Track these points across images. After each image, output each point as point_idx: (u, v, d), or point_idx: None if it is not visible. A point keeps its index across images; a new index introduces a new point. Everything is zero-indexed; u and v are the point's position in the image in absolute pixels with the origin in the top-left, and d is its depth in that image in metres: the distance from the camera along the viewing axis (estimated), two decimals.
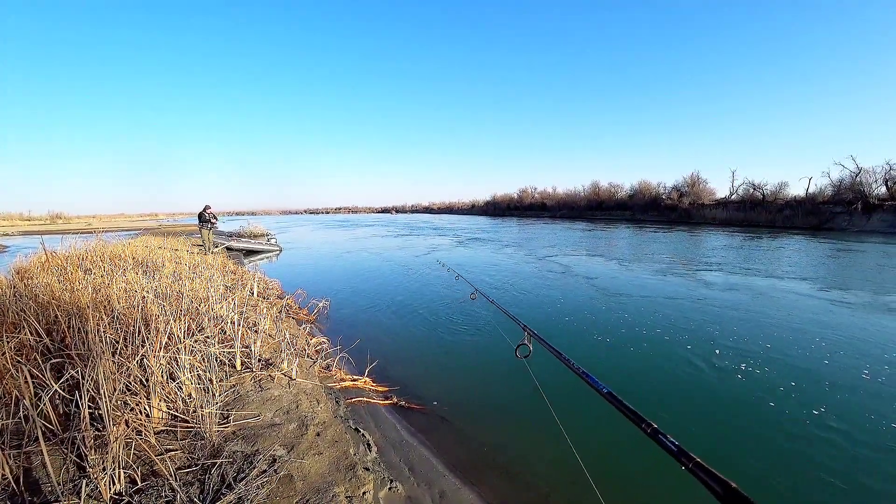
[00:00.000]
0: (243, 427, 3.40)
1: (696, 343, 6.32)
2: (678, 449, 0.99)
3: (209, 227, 15.14)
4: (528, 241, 24.17)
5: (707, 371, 5.40)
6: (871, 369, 5.32)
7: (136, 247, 10.69)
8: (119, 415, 3.00)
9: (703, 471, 0.89)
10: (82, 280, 6.09)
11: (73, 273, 6.75)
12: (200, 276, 7.50)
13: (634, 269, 13.51)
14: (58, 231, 39.00)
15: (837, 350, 5.97)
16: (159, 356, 3.55)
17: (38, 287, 5.65)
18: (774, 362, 5.57)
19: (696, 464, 0.92)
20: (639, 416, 1.18)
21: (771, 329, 6.94)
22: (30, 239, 31.05)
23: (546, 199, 74.75)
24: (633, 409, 1.22)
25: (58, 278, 6.25)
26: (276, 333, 5.41)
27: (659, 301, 8.95)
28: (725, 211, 45.22)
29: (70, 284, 5.63)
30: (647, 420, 1.14)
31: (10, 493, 2.60)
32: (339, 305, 8.85)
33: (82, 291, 5.19)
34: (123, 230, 36.07)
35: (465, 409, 4.58)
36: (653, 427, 1.11)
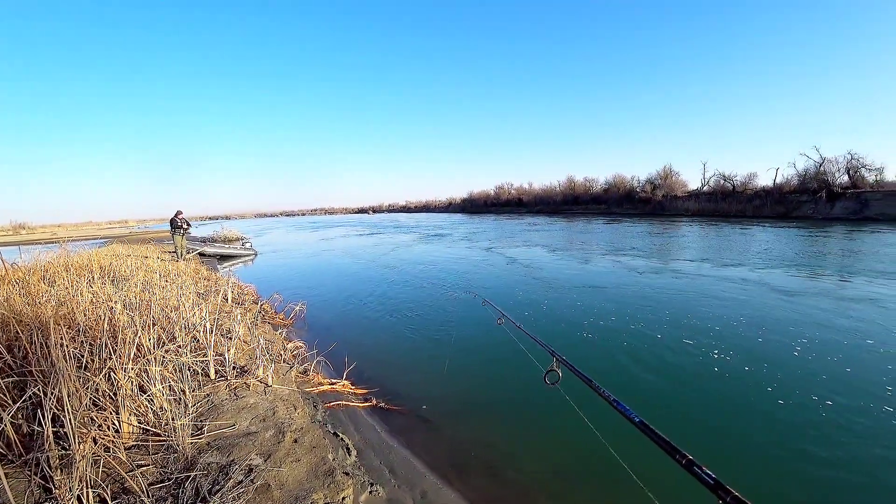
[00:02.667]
0: (218, 437, 3.32)
1: (671, 326, 6.44)
2: (715, 482, 0.94)
3: (181, 232, 14.77)
4: (480, 234, 24.36)
5: (698, 355, 5.51)
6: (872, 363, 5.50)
7: (103, 256, 10.36)
8: (85, 432, 2.89)
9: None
10: (46, 293, 5.87)
11: (35, 286, 6.50)
12: (172, 284, 7.31)
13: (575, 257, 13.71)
14: (21, 242, 37.58)
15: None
16: (128, 369, 3.44)
17: (2, 301, 5.43)
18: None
19: (735, 498, 0.87)
20: (672, 446, 1.11)
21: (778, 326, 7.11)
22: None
23: (523, 196, 75.20)
24: (666, 440, 1.15)
25: (19, 292, 6.01)
26: (252, 340, 5.31)
27: (608, 289, 9.09)
28: (698, 202, 46.20)
29: (32, 298, 5.41)
30: (681, 451, 1.08)
31: None
32: (316, 308, 8.74)
33: (45, 305, 5.00)
34: (91, 239, 35.02)
35: (445, 408, 4.57)
36: (688, 458, 1.05)
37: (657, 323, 6.94)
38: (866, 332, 6.20)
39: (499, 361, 5.73)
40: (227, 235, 25.99)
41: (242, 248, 20.09)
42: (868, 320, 6.71)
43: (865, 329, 6.31)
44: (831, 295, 8.40)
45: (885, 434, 3.83)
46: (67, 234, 50.32)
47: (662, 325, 6.85)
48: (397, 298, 9.59)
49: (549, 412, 4.45)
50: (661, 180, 51.15)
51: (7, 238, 50.48)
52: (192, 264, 12.23)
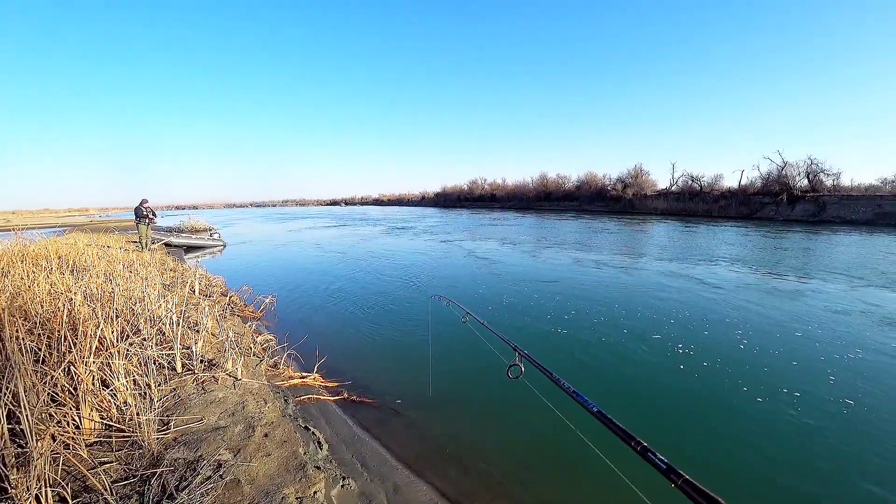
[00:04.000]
0: (185, 433, 3.24)
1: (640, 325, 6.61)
2: (667, 466, 0.99)
3: (146, 222, 14.27)
4: (448, 227, 24.50)
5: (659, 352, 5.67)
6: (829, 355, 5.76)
7: (61, 245, 9.92)
8: (43, 428, 2.78)
9: (692, 488, 0.90)
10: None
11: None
12: (136, 276, 7.07)
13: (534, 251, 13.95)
14: None
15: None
16: (89, 362, 3.31)
17: None
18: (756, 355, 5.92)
19: (686, 481, 0.92)
20: (628, 433, 1.18)
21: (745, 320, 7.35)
22: None
23: (496, 191, 75.57)
24: (622, 428, 1.21)
25: None
26: (220, 332, 5.19)
27: (570, 284, 9.28)
28: (666, 201, 47.41)
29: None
30: (636, 438, 1.14)
31: None
32: (286, 301, 8.61)
33: (0, 295, 4.77)
34: (48, 227, 33.50)
35: (416, 402, 4.58)
36: (642, 445, 1.11)
37: (617, 317, 7.12)
38: (812, 327, 6.51)
39: (466, 356, 5.77)
40: (194, 226, 25.28)
41: (210, 238, 19.56)
42: (814, 316, 7.05)
43: (812, 324, 6.63)
44: (780, 291, 8.79)
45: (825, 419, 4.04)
46: (22, 221, 47.95)
47: (622, 319, 7.03)
48: (365, 292, 9.57)
49: (517, 405, 4.53)
50: (632, 179, 52.22)
51: None
52: (158, 255, 11.86)
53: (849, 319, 6.86)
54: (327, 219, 46.45)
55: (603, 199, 54.31)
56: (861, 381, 4.78)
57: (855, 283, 9.59)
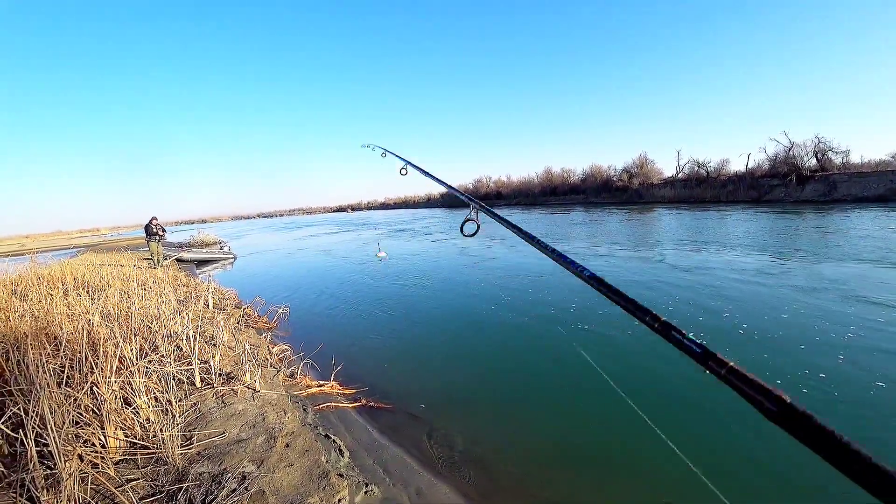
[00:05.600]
0: (208, 446, 3.29)
1: None
2: (703, 350, 0.68)
3: (157, 239, 14.42)
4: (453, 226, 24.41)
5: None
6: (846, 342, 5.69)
7: (76, 266, 10.07)
8: (71, 449, 2.83)
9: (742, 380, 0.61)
10: (18, 307, 5.69)
11: (6, 301, 6.30)
12: (151, 293, 7.16)
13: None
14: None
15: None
16: (111, 382, 3.37)
17: None
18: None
19: (731, 370, 0.63)
20: (639, 306, 0.85)
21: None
22: None
23: (501, 188, 75.39)
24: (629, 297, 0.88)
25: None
26: (236, 345, 5.25)
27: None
28: (673, 189, 47.02)
29: (4, 313, 5.25)
30: (651, 312, 0.81)
31: None
32: (299, 310, 8.68)
33: (20, 320, 4.86)
34: (62, 249, 33.94)
35: (432, 405, 4.60)
36: (661, 321, 0.79)
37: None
38: (828, 312, 6.42)
39: (482, 356, 5.79)
40: (203, 240, 25.52)
41: (221, 251, 19.73)
42: (827, 302, 6.94)
43: (826, 309, 6.54)
44: (795, 275, 8.67)
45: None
46: (36, 244, 48.77)
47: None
48: (375, 296, 9.63)
49: (534, 404, 4.54)
50: (637, 169, 51.85)
51: None
52: (170, 271, 11.99)
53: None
54: (331, 225, 46.88)
55: (609, 191, 53.99)
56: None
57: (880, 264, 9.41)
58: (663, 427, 3.78)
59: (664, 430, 3.69)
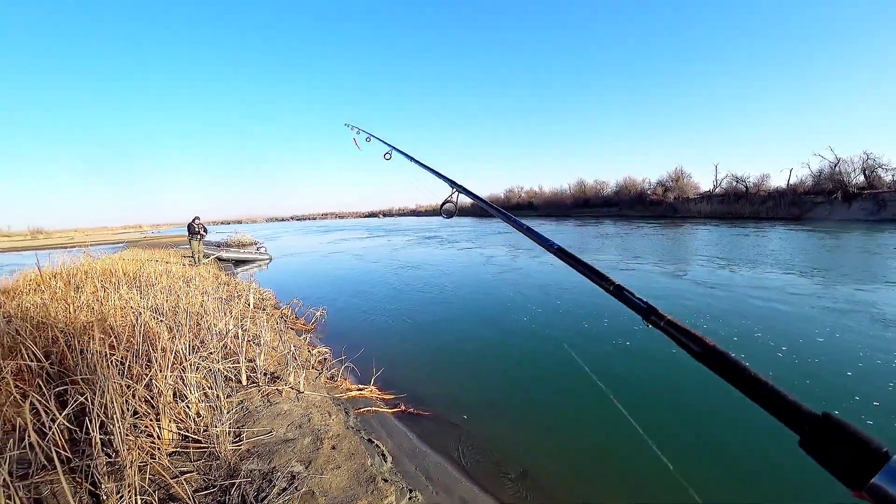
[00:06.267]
0: (257, 444, 3.36)
1: None
2: (647, 306, 0.87)
3: (199, 238, 14.93)
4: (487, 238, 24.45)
5: None
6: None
7: (125, 261, 10.49)
8: (132, 439, 2.93)
9: (677, 329, 0.79)
10: (74, 298, 5.96)
11: (64, 291, 6.61)
12: (196, 290, 7.39)
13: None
14: (40, 247, 38.16)
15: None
16: (167, 375, 3.49)
17: (32, 307, 5.52)
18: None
19: (669, 322, 0.81)
20: (597, 272, 1.06)
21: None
22: (12, 256, 30.27)
23: (533, 199, 75.12)
24: (588, 265, 1.09)
25: (48, 297, 6.11)
26: (280, 345, 5.35)
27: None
28: (710, 204, 45.94)
29: (64, 304, 5.50)
30: (608, 277, 1.02)
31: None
32: (336, 313, 8.79)
33: (79, 311, 5.08)
34: (108, 244, 35.41)
35: (472, 412, 4.58)
36: (615, 284, 0.99)
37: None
38: (871, 337, 6.11)
39: (522, 363, 5.77)
40: (241, 240, 26.17)
41: (257, 252, 20.20)
42: (870, 326, 6.61)
43: (869, 334, 6.23)
44: (836, 297, 8.29)
45: None
46: (84, 238, 51.08)
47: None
48: (406, 302, 9.70)
49: (578, 411, 4.49)
50: (673, 182, 50.89)
51: (26, 243, 51.39)
52: (212, 269, 12.35)
53: None
54: (361, 230, 47.49)
55: (643, 204, 53.08)
56: None
57: None
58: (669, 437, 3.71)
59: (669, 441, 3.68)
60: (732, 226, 30.16)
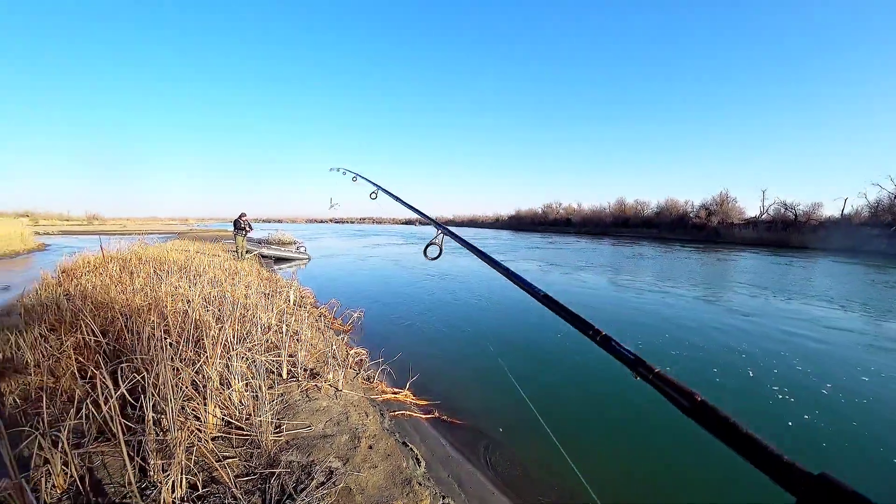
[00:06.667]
0: (296, 437, 3.43)
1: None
2: (635, 358, 0.86)
3: (244, 234, 15.47)
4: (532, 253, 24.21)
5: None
6: None
7: (174, 251, 10.96)
8: (181, 420, 3.04)
9: (665, 382, 0.79)
10: (129, 282, 6.26)
11: (119, 275, 6.95)
12: (241, 283, 7.63)
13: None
14: (94, 232, 40.33)
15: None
16: (216, 363, 3.61)
17: (92, 288, 5.83)
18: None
19: (658, 375, 0.81)
20: (583, 321, 1.04)
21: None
22: (68, 238, 32.13)
23: (571, 215, 74.35)
24: (573, 313, 1.08)
25: (106, 280, 6.44)
26: (319, 343, 5.45)
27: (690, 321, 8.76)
28: (755, 231, 44.29)
29: (122, 286, 5.79)
30: (594, 326, 1.00)
31: (74, 492, 2.65)
32: (372, 316, 8.88)
33: (136, 294, 5.33)
34: (157, 233, 37.00)
35: (507, 425, 4.54)
36: (602, 334, 0.98)
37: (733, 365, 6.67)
38: None
39: (559, 380, 5.67)
40: (281, 238, 26.88)
41: (297, 251, 20.68)
42: None
43: None
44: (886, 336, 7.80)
45: None
46: (135, 227, 53.73)
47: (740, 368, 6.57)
48: (443, 310, 9.72)
49: (616, 430, 4.39)
50: (717, 206, 49.37)
51: (83, 228, 54.44)
52: (255, 265, 12.72)
53: None
54: (397, 237, 47.98)
55: (684, 227, 51.67)
56: None
57: None
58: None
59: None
60: (778, 254, 28.96)
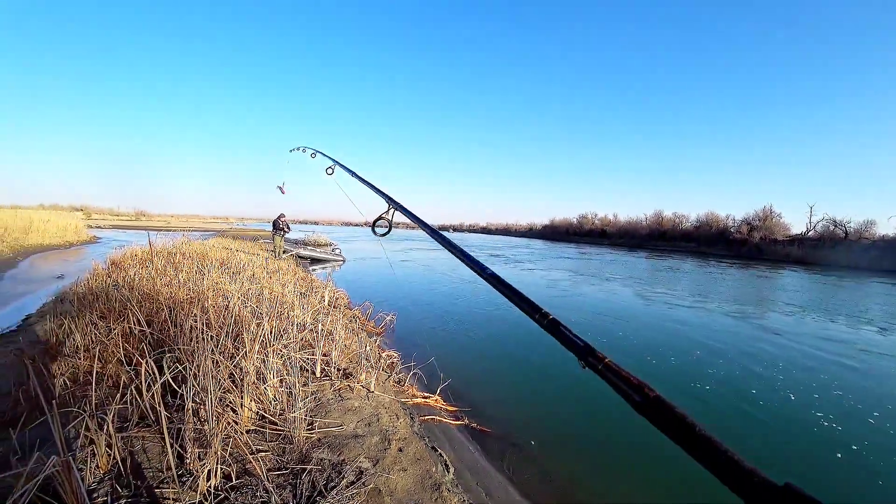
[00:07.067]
0: (328, 435, 3.46)
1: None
2: (585, 345, 0.79)
3: (282, 234, 15.89)
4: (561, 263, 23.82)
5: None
6: None
7: (216, 248, 11.34)
8: (220, 412, 3.13)
9: (614, 373, 0.71)
10: (173, 276, 6.50)
11: (164, 268, 7.23)
12: (278, 281, 7.82)
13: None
14: (141, 227, 42.25)
15: None
16: (254, 358, 3.70)
17: (139, 279, 6.09)
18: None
19: (607, 365, 0.73)
20: (531, 302, 0.99)
21: None
22: (117, 232, 33.76)
23: (606, 226, 73.07)
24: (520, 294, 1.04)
25: (153, 273, 6.71)
26: (353, 344, 5.51)
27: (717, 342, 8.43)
28: (801, 248, 42.36)
29: (167, 279, 6.01)
30: (541, 309, 0.94)
31: (115, 474, 2.75)
32: (404, 320, 8.92)
33: (180, 287, 5.53)
34: (198, 230, 38.34)
35: (538, 437, 4.46)
36: (550, 318, 0.91)
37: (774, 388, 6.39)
38: None
39: (590, 398, 5.54)
40: (317, 240, 27.36)
41: (332, 253, 21.03)
42: None
43: None
44: None
45: None
46: (179, 224, 56.04)
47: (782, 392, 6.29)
48: (473, 317, 9.70)
49: (645, 449, 4.24)
50: (760, 221, 47.53)
51: (132, 223, 57.29)
52: (292, 265, 13.02)
53: None
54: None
55: (724, 242, 49.95)
56: None
57: None
58: None
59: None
60: (825, 273, 27.62)
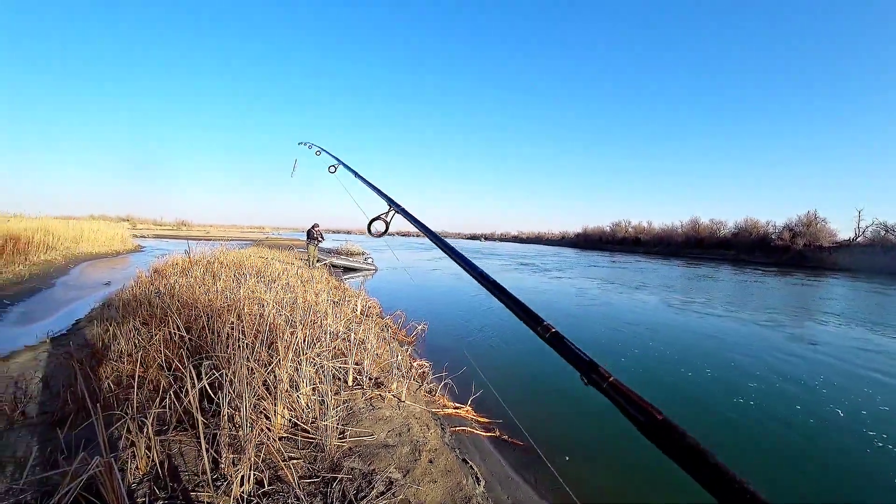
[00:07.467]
0: (359, 444, 3.47)
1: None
2: (589, 361, 0.76)
3: (315, 243, 16.24)
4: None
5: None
6: None
7: (253, 257, 11.66)
8: (254, 419, 3.18)
9: (619, 393, 0.68)
10: (211, 284, 6.71)
11: (203, 276, 7.47)
12: (312, 290, 7.96)
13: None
14: (182, 236, 43.89)
15: None
16: (287, 366, 3.75)
17: (179, 287, 6.30)
18: None
19: (612, 384, 0.70)
20: (532, 314, 0.92)
21: None
22: (160, 242, 35.20)
23: (641, 234, 71.44)
24: (521, 303, 0.98)
25: (193, 281, 6.94)
26: (385, 353, 5.54)
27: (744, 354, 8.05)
28: (849, 255, 40.22)
29: (205, 287, 6.21)
30: (543, 321, 0.87)
31: (153, 476, 2.82)
32: (435, 329, 8.90)
33: (218, 295, 5.69)
34: (236, 240, 39.59)
35: (572, 452, 4.35)
36: (552, 331, 0.84)
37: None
38: None
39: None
40: (350, 249, 27.80)
41: (365, 262, 21.29)
42: None
43: None
44: None
45: None
46: (217, 233, 58.19)
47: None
48: (502, 327, 9.58)
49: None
50: (804, 227, 45.41)
51: (173, 232, 59.88)
52: (325, 273, 13.24)
53: None
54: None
55: (764, 249, 47.92)
56: None
57: None
58: None
59: None
60: (875, 282, 26.08)
